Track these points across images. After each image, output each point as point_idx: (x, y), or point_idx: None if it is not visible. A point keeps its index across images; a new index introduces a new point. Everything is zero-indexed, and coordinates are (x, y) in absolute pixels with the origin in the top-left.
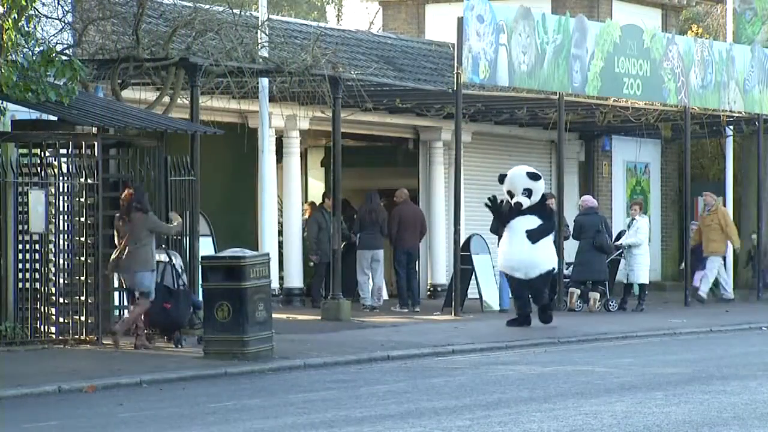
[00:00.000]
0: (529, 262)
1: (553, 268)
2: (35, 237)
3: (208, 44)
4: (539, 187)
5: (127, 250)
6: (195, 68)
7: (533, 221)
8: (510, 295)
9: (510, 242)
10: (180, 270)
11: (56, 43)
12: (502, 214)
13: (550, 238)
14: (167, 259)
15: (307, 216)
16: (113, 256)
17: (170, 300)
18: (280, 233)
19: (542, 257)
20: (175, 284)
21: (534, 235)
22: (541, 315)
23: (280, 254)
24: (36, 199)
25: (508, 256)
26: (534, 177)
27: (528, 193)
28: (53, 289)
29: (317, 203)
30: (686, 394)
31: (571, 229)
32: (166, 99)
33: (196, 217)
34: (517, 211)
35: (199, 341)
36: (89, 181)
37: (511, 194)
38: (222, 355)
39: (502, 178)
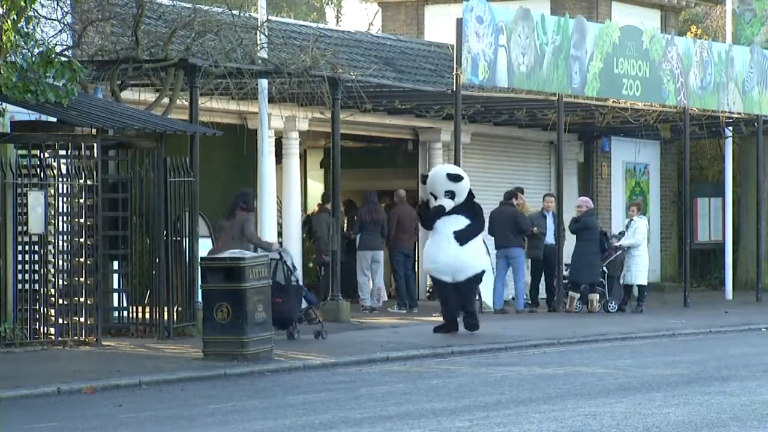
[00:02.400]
0: (457, 266)
1: (483, 271)
2: (34, 238)
3: (208, 45)
4: (462, 188)
5: (225, 244)
6: (194, 69)
7: (461, 222)
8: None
9: (436, 244)
10: (292, 267)
11: (55, 44)
12: (429, 217)
13: (479, 238)
14: (278, 257)
15: (306, 215)
16: (213, 248)
17: (281, 295)
18: (280, 234)
19: (471, 260)
20: (286, 280)
21: (462, 237)
22: (466, 320)
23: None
24: (35, 200)
25: (433, 258)
26: (455, 179)
27: (450, 195)
28: (52, 290)
29: (323, 205)
30: (685, 395)
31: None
32: (166, 100)
33: (196, 218)
34: (441, 213)
35: (316, 336)
36: (88, 182)
37: (434, 197)
38: (221, 356)
39: (424, 179)
